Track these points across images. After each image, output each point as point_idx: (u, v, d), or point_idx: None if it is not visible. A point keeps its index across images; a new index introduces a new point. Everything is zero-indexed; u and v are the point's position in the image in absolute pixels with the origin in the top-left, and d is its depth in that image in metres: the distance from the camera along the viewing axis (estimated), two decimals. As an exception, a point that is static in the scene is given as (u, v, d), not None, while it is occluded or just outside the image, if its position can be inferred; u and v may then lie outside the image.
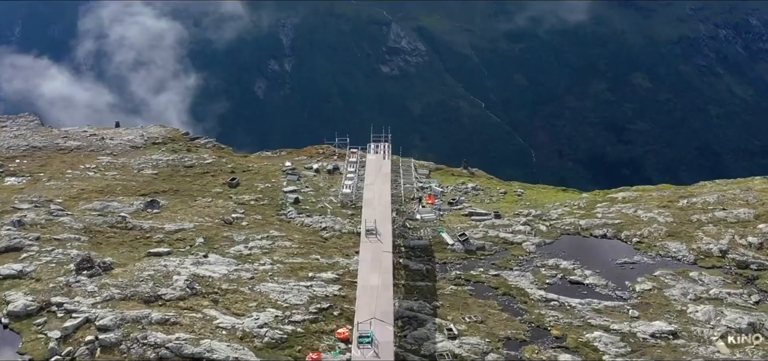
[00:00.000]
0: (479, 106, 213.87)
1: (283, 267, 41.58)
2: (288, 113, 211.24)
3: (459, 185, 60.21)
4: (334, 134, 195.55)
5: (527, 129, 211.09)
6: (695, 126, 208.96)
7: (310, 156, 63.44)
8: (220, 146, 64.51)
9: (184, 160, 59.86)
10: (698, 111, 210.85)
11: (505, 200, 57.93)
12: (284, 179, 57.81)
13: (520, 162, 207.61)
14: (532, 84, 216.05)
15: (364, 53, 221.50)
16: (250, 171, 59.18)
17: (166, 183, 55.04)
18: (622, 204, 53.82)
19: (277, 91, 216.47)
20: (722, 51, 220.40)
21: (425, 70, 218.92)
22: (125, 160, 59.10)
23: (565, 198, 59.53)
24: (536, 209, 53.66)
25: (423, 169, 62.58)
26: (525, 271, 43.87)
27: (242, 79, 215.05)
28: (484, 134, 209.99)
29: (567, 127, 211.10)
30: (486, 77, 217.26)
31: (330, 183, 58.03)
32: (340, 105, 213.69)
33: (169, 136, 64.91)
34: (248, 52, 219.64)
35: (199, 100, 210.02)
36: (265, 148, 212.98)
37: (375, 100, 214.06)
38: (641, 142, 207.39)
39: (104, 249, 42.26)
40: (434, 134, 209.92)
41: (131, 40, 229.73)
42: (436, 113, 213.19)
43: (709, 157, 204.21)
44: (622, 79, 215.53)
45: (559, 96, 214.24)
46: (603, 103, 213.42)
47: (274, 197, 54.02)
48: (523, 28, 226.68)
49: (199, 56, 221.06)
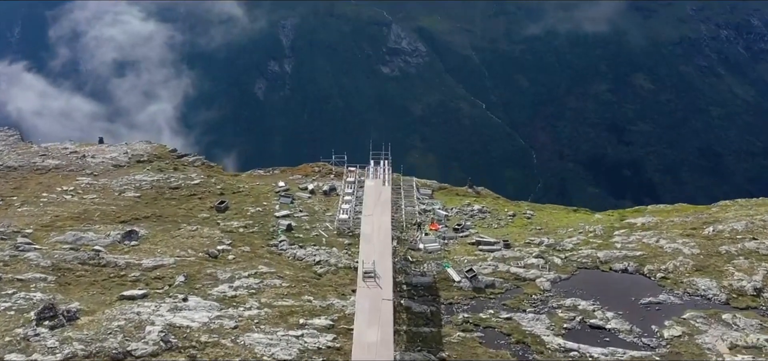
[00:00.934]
0: (480, 106, 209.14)
1: (272, 312, 36.44)
2: (288, 114, 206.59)
3: (464, 206, 55.02)
4: (334, 134, 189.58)
5: (528, 130, 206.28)
6: (696, 127, 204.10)
7: (306, 175, 58.24)
8: (209, 164, 59.29)
9: (170, 180, 54.69)
10: (699, 112, 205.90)
11: (514, 224, 52.76)
12: (277, 202, 52.67)
13: (520, 163, 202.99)
14: (533, 85, 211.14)
15: (364, 54, 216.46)
16: (241, 193, 54.03)
17: (148, 207, 49.90)
18: (641, 231, 48.66)
19: (277, 92, 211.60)
20: (723, 52, 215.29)
21: (426, 70, 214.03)
22: (106, 181, 53.91)
23: (577, 221, 54.33)
24: (549, 237, 48.48)
25: (425, 188, 57.38)
26: (540, 313, 38.74)
27: (242, 80, 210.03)
28: (484, 135, 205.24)
29: (568, 128, 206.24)
30: (486, 78, 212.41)
31: (326, 206, 52.88)
32: (341, 106, 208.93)
33: (155, 154, 59.66)
34: (248, 53, 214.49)
35: (194, 106, 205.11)
36: (265, 154, 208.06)
37: (375, 101, 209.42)
38: (642, 143, 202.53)
39: (72, 291, 37.12)
40: (434, 135, 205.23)
41: (124, 45, 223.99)
42: (436, 114, 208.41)
43: (711, 158, 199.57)
44: (623, 80, 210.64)
45: (559, 97, 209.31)
46: (604, 104, 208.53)
47: (265, 223, 48.88)
48: (529, 31, 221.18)
49: (196, 59, 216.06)
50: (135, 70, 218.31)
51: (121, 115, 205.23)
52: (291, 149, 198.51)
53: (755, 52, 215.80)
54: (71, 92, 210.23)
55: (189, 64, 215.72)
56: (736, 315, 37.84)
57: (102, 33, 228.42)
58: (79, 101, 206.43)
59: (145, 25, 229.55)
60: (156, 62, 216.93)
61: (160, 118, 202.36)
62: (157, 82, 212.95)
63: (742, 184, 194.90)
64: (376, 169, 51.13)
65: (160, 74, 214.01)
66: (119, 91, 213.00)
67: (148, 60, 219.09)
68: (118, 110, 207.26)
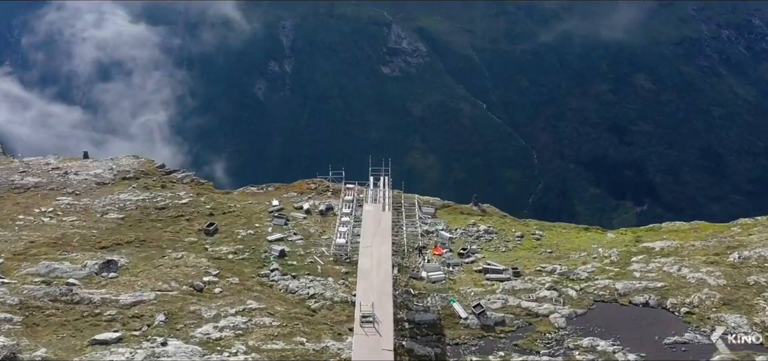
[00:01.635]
0: (480, 107, 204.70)
1: (259, 358, 32.33)
2: (288, 114, 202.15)
3: (469, 226, 50.85)
4: (335, 135, 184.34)
5: (528, 130, 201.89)
6: (698, 127, 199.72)
7: (301, 192, 54.01)
8: (199, 181, 55.01)
9: (156, 199, 50.50)
10: (701, 112, 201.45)
11: (522, 246, 48.62)
12: (270, 224, 48.49)
13: (521, 164, 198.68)
14: (534, 85, 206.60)
15: (364, 54, 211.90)
16: (232, 213, 49.85)
17: (132, 231, 45.77)
18: (661, 257, 44.49)
19: (277, 92, 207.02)
20: (725, 52, 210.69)
21: (426, 71, 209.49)
22: (88, 201, 49.72)
23: (589, 242, 50.20)
24: (560, 263, 44.31)
25: (428, 206, 53.18)
26: (555, 355, 34.65)
27: (241, 81, 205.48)
28: (485, 135, 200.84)
29: (568, 129, 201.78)
30: (487, 78, 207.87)
31: (322, 227, 48.72)
32: (341, 106, 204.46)
33: (142, 170, 55.39)
34: (247, 54, 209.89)
35: (191, 110, 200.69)
36: (264, 156, 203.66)
37: (375, 101, 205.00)
38: (643, 143, 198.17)
39: (40, 335, 33.02)
40: (435, 136, 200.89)
41: (113, 46, 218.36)
42: (436, 114, 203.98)
43: (712, 159, 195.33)
44: (623, 80, 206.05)
45: (560, 97, 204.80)
46: (605, 105, 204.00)
47: (256, 248, 44.74)
48: (530, 31, 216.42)
49: (194, 61, 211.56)
50: (126, 75, 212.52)
51: (112, 124, 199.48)
52: (291, 150, 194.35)
53: (756, 52, 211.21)
54: (55, 100, 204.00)
55: (186, 66, 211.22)
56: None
57: (92, 35, 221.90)
58: (65, 110, 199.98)
59: (135, 27, 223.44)
60: (150, 66, 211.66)
61: (154, 125, 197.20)
62: (152, 87, 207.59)
63: (743, 184, 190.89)
64: (375, 191, 46.83)
65: (154, 79, 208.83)
66: (110, 98, 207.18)
67: (141, 64, 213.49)
68: (109, 119, 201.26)
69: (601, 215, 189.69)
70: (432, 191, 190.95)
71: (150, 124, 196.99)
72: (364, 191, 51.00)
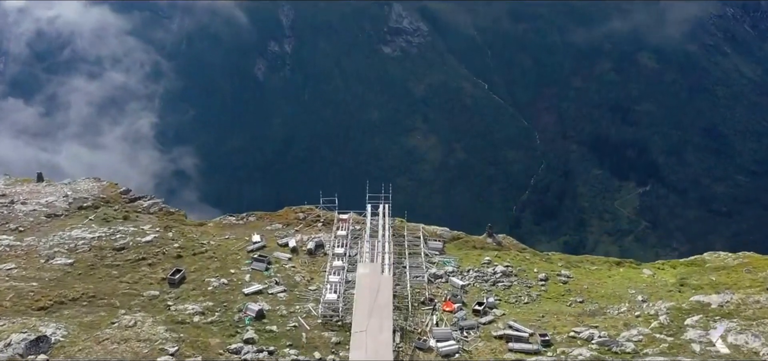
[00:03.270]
0: (482, 87, 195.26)
1: None
2: (288, 95, 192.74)
3: (484, 266, 41.43)
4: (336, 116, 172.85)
5: (531, 110, 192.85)
6: (701, 107, 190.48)
7: (287, 223, 44.45)
8: (168, 211, 45.37)
9: (115, 237, 41.02)
10: (705, 91, 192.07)
11: (547, 294, 39.29)
12: (248, 268, 39.06)
13: (523, 144, 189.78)
14: (536, 65, 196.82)
15: (365, 34, 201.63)
16: (203, 253, 40.41)
17: (80, 282, 36.47)
18: (718, 314, 35.08)
19: (277, 72, 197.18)
20: (730, 30, 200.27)
21: (427, 50, 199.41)
22: (33, 240, 40.26)
23: (624, 284, 40.97)
24: (597, 323, 34.97)
25: (435, 240, 43.62)
26: None
27: (241, 61, 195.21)
28: (487, 116, 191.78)
29: (571, 109, 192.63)
30: (489, 58, 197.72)
31: (310, 273, 39.31)
32: (341, 86, 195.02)
33: (103, 197, 45.74)
34: (247, 33, 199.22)
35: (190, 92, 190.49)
36: (265, 139, 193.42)
37: (376, 82, 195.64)
38: (647, 123, 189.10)
39: None
40: (436, 116, 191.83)
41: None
42: (438, 94, 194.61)
43: (716, 139, 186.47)
44: (627, 59, 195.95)
45: (563, 77, 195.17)
46: (608, 84, 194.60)
47: (229, 306, 35.44)
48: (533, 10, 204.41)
49: (193, 41, 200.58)
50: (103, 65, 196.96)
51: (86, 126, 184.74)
52: (291, 131, 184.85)
53: (762, 30, 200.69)
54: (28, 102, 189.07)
55: (184, 45, 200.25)
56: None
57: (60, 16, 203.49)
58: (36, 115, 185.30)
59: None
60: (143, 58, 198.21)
61: (142, 123, 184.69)
62: (142, 79, 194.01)
63: (747, 164, 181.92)
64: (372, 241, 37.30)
65: (143, 71, 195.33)
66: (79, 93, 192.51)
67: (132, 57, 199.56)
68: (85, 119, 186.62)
69: (604, 195, 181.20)
70: (432, 173, 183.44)
71: (140, 123, 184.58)
72: (361, 223, 41.62)
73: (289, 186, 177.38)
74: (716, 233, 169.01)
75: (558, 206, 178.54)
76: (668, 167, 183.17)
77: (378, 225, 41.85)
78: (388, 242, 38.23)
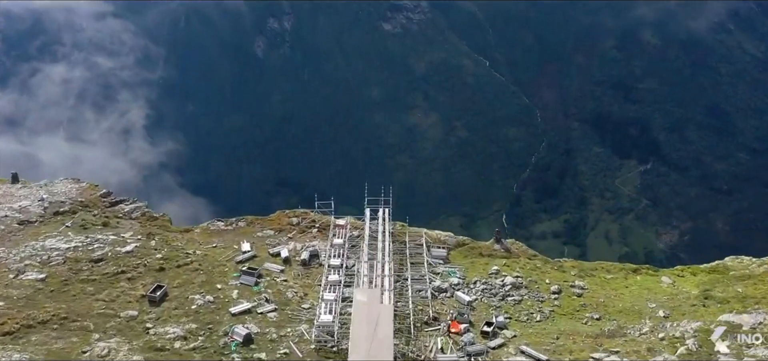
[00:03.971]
0: (483, 64, 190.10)
1: None
2: (287, 72, 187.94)
3: (491, 277, 37.77)
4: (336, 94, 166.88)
5: (532, 88, 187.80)
6: (704, 84, 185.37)
7: (279, 229, 40.67)
8: (152, 215, 41.54)
9: (93, 247, 37.30)
10: (708, 69, 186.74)
11: (561, 309, 35.69)
12: (236, 283, 35.35)
13: (524, 122, 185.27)
14: (538, 42, 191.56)
15: (365, 10, 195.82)
16: (188, 265, 36.72)
17: (52, 300, 32.84)
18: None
19: (276, 49, 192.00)
20: (733, 6, 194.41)
21: (428, 27, 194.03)
22: (3, 252, 36.55)
23: (643, 295, 37.41)
24: (619, 348, 31.32)
25: (439, 248, 39.85)
26: None
27: (240, 39, 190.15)
28: (488, 93, 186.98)
29: (573, 86, 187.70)
30: (490, 35, 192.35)
31: (304, 288, 35.67)
32: (341, 64, 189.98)
33: (81, 200, 41.90)
34: (246, 10, 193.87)
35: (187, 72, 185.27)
36: (263, 117, 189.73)
37: (376, 59, 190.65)
38: (649, 101, 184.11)
39: None
40: (437, 94, 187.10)
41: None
42: (439, 72, 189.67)
43: (718, 117, 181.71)
44: (630, 36, 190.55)
45: (565, 54, 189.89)
46: (610, 62, 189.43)
47: (214, 327, 31.85)
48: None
49: (192, 19, 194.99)
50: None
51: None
52: (290, 109, 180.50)
53: (766, 6, 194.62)
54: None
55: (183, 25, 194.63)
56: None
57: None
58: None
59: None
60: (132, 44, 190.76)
61: (134, 113, 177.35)
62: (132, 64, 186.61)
63: (749, 142, 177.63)
64: (371, 263, 33.48)
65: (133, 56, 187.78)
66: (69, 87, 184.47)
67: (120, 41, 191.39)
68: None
69: (605, 173, 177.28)
70: (433, 151, 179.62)
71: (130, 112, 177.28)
72: (359, 228, 37.87)
73: (288, 164, 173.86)
74: (717, 211, 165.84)
75: (559, 184, 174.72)
76: (669, 145, 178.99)
77: (377, 231, 38.10)
78: (389, 257, 34.40)
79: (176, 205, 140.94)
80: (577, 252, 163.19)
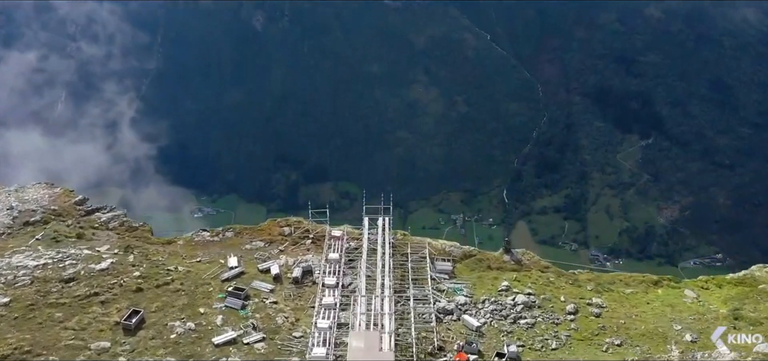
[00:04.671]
0: (484, 38, 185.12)
1: None
2: (287, 46, 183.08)
3: (501, 294, 33.93)
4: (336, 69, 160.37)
5: (534, 62, 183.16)
6: (707, 58, 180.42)
7: (270, 240, 36.67)
8: (131, 225, 37.54)
9: (64, 264, 33.40)
10: (711, 42, 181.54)
11: (578, 334, 31.76)
12: (220, 306, 31.44)
13: (525, 96, 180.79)
14: (540, 15, 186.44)
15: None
16: (168, 285, 32.86)
17: (15, 329, 29.10)
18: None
19: (275, 23, 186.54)
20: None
21: (429, 1, 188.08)
22: (-35, 271, 32.53)
23: (666, 315, 33.63)
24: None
25: (443, 261, 35.87)
26: None
27: (239, 12, 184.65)
28: (489, 68, 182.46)
29: (575, 60, 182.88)
30: (491, 8, 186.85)
31: (296, 312, 31.74)
32: (341, 38, 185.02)
33: (54, 208, 37.91)
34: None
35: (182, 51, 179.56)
36: (263, 93, 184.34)
37: (377, 33, 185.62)
38: (651, 74, 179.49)
39: None
40: (438, 68, 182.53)
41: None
42: (440, 46, 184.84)
43: (721, 90, 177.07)
44: (632, 9, 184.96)
45: (567, 28, 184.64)
46: (612, 35, 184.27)
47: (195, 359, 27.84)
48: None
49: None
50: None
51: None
52: (290, 83, 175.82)
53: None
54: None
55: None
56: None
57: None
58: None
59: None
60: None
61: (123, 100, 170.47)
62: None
63: (751, 117, 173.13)
64: (369, 297, 29.45)
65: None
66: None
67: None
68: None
69: (606, 148, 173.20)
70: (434, 126, 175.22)
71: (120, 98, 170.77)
72: (357, 239, 33.87)
73: (287, 140, 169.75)
74: (718, 185, 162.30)
75: (560, 159, 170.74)
76: (672, 119, 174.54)
77: (376, 242, 34.14)
78: (389, 279, 30.41)
79: (173, 188, 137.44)
80: (578, 227, 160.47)
